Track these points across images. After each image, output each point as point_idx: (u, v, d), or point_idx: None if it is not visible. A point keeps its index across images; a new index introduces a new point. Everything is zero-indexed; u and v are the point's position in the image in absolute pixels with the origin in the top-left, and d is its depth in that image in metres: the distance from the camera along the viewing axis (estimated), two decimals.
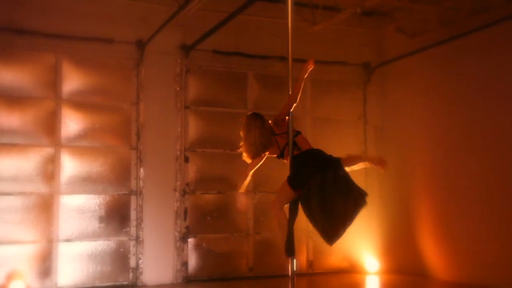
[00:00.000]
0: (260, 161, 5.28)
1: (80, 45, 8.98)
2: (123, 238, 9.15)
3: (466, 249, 8.97)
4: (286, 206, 5.12)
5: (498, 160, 8.57)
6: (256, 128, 5.21)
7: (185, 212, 9.53)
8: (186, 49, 9.61)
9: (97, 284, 8.86)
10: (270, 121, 5.32)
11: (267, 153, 5.26)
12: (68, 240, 8.78)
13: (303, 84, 5.21)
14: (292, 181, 5.03)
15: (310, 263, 10.32)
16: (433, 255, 9.63)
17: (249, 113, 5.50)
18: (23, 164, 8.67)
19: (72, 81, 9.07)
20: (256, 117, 5.30)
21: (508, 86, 8.47)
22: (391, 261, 10.26)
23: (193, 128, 9.78)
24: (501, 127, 8.58)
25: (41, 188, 8.73)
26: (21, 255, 8.49)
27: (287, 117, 5.20)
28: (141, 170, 9.26)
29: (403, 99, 10.50)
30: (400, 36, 10.30)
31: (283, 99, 5.41)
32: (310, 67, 5.37)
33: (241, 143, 5.31)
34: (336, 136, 10.55)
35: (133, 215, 9.21)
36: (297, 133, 5.28)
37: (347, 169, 5.08)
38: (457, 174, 9.24)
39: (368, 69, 10.98)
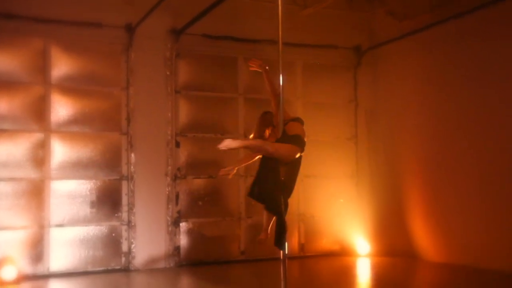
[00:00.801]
0: (251, 159, 5.76)
1: (68, 29, 8.90)
2: (115, 223, 9.16)
3: (456, 231, 9.06)
4: None
5: (489, 143, 8.62)
6: (258, 119, 5.83)
7: (177, 196, 9.54)
8: (176, 33, 9.55)
9: (90, 269, 8.88)
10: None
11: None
12: (59, 226, 8.79)
13: (269, 77, 5.74)
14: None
15: (301, 246, 10.39)
16: (424, 237, 9.72)
17: None
18: (12, 149, 8.62)
19: (61, 66, 9.00)
20: (262, 113, 5.86)
21: (500, 69, 8.48)
22: (382, 244, 10.35)
23: (184, 112, 9.76)
24: (492, 110, 8.62)
25: (31, 173, 8.71)
26: (12, 240, 8.48)
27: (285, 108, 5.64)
28: (132, 155, 9.25)
29: (394, 83, 10.52)
30: (390, 19, 10.28)
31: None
32: (255, 67, 5.82)
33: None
34: (327, 120, 10.58)
35: (124, 200, 9.21)
36: (289, 121, 5.41)
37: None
38: (448, 157, 9.30)
39: (359, 53, 10.97)
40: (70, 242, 8.84)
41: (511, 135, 8.31)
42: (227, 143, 5.12)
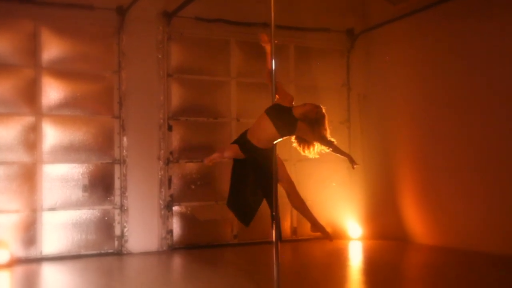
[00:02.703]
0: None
1: (59, 12, 8.81)
2: (108, 206, 9.15)
3: (448, 214, 9.11)
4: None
5: (483, 125, 8.63)
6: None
7: (169, 180, 9.53)
8: (168, 16, 9.47)
9: (82, 252, 8.89)
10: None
11: None
12: (52, 209, 8.77)
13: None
14: None
15: (294, 230, 10.43)
16: (416, 220, 9.78)
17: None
18: (3, 133, 8.57)
19: (52, 49, 8.92)
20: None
21: (494, 52, 8.47)
22: (374, 227, 10.40)
23: (176, 96, 9.71)
24: (485, 92, 8.62)
25: (23, 157, 8.67)
26: (5, 224, 8.46)
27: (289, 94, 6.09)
28: (124, 138, 9.22)
29: (387, 66, 10.49)
30: (384, 2, 10.23)
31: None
32: (265, 42, 5.72)
33: None
34: (319, 103, 10.53)
35: (117, 183, 9.20)
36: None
37: None
38: (441, 141, 9.32)
39: (352, 36, 10.92)
40: (62, 226, 8.84)
41: (504, 117, 8.33)
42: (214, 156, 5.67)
